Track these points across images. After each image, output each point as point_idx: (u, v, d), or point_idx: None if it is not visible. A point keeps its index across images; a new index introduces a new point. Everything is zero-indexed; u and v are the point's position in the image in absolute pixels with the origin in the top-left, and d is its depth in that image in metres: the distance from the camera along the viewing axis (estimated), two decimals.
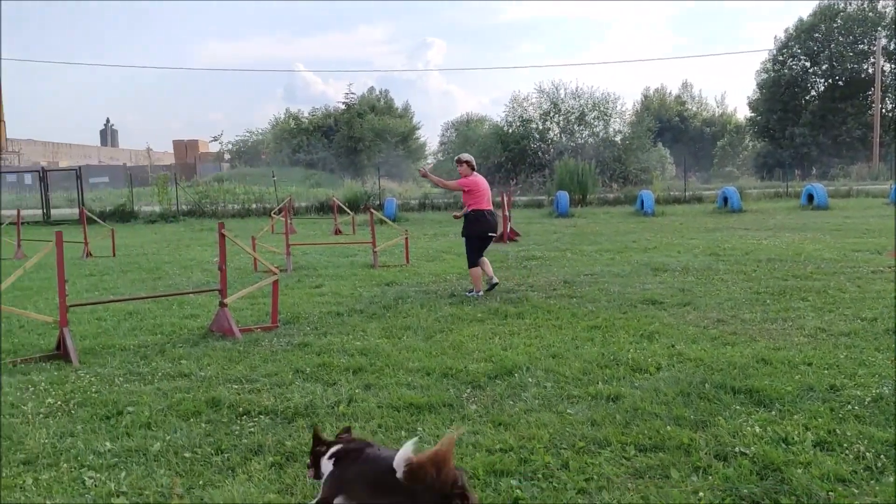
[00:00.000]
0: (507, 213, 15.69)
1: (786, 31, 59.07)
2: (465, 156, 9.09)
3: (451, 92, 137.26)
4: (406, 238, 12.57)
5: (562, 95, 43.67)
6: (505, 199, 16.22)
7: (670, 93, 76.32)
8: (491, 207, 9.04)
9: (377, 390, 5.00)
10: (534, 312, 7.56)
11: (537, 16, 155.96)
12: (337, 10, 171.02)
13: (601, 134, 43.32)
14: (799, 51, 56.80)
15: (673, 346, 5.96)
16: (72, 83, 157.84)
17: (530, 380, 5.13)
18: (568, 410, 4.46)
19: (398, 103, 67.85)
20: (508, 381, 5.14)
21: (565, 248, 13.58)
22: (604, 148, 41.20)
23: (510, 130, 43.46)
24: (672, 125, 68.98)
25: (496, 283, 8.91)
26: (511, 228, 16.10)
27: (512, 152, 41.57)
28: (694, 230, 16.95)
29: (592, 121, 43.49)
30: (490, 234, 9.05)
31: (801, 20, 56.60)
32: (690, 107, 75.72)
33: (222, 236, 7.00)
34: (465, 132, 52.51)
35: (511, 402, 4.67)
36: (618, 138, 42.81)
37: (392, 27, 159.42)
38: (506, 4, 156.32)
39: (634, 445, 3.86)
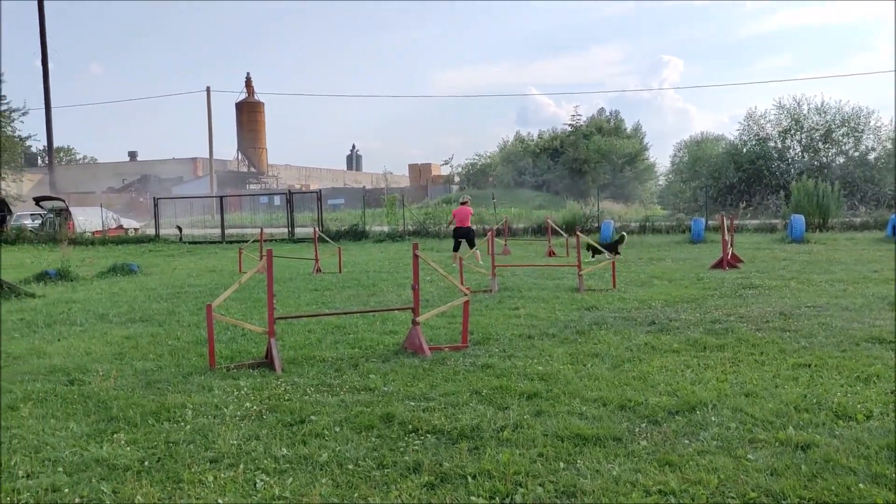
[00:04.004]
0: (726, 238, 14.72)
1: None
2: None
3: (687, 110, 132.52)
4: (613, 262, 12.24)
5: (804, 111, 40.29)
6: (725, 222, 15.22)
7: None
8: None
9: (547, 417, 4.89)
10: (736, 345, 7.00)
11: (785, 27, 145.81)
12: (570, 32, 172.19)
13: (851, 152, 39.30)
14: None
15: (893, 392, 5.21)
16: (324, 113, 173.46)
17: (713, 418, 4.74)
18: (748, 456, 4.06)
19: (629, 123, 66.67)
20: (689, 418, 4.79)
21: (791, 277, 12.44)
22: (854, 167, 37.33)
23: (744, 150, 40.84)
24: None
25: None
26: (732, 254, 15.07)
27: (745, 172, 38.98)
28: None
29: (841, 138, 39.60)
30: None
31: None
32: None
33: (416, 256, 7.27)
34: (695, 152, 50.15)
35: (686, 442, 4.34)
36: (871, 156, 38.58)
37: (626, 47, 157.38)
38: (749, 16, 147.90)
39: (815, 502, 3.41)
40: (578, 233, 13.25)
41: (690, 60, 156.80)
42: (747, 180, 38.84)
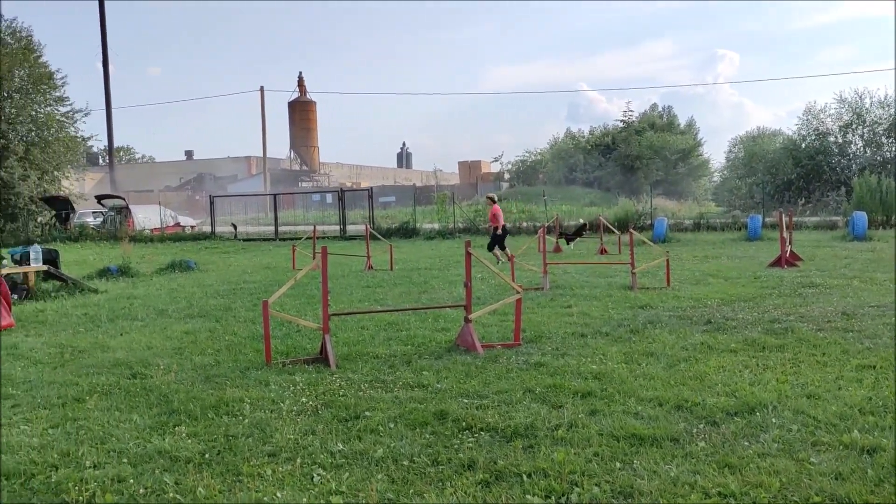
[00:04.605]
0: (784, 235, 14.36)
1: None
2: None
3: (743, 105, 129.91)
4: (667, 260, 12.06)
5: (866, 105, 39.04)
6: (784, 219, 14.85)
7: None
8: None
9: (602, 417, 4.84)
10: (796, 346, 6.83)
11: (846, 18, 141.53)
12: (622, 27, 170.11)
13: None
14: None
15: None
16: (374, 111, 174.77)
17: (774, 420, 4.63)
18: (811, 459, 3.96)
19: (683, 119, 65.57)
20: (748, 419, 4.69)
21: (853, 276, 12.08)
22: None
23: (803, 145, 39.79)
24: None
25: None
26: (791, 252, 14.71)
27: (804, 168, 37.97)
28: None
29: None
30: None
31: None
32: None
33: (468, 254, 7.28)
34: (751, 148, 49.02)
35: (745, 443, 4.26)
36: None
37: (680, 41, 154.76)
38: (809, 7, 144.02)
39: None
40: (631, 230, 13.08)
41: (747, 54, 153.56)
42: (806, 176, 37.84)
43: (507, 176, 70.23)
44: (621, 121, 62.23)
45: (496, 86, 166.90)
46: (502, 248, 16.85)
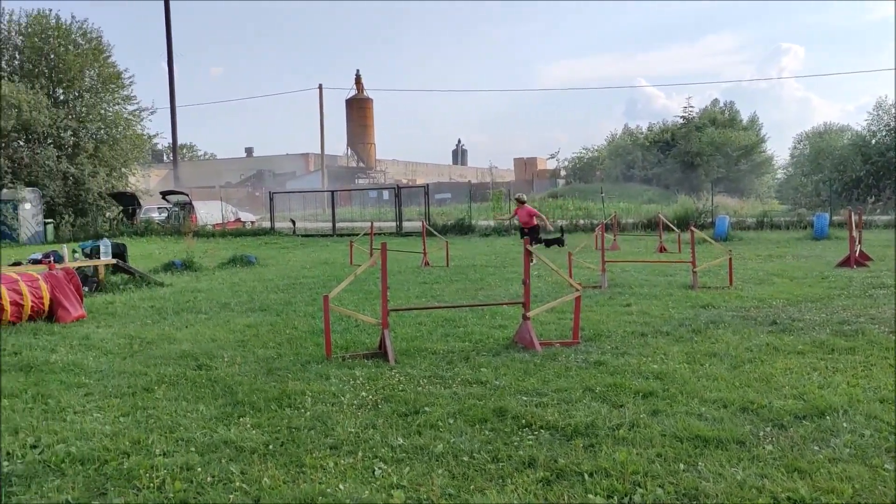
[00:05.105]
0: (853, 234, 13.90)
1: None
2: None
3: (809, 100, 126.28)
4: (730, 259, 11.80)
5: None
6: (853, 217, 14.37)
7: None
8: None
9: (664, 417, 4.77)
10: (868, 348, 6.61)
11: None
12: (682, 21, 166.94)
13: None
14: None
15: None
16: (430, 108, 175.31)
17: (845, 425, 4.49)
18: (885, 465, 3.83)
19: (745, 114, 63.93)
20: (818, 423, 4.56)
21: None
22: None
23: (873, 141, 38.45)
24: None
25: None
26: (860, 251, 14.22)
27: (874, 165, 36.68)
28: None
29: None
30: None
31: None
32: None
33: (527, 251, 7.25)
34: (818, 144, 47.60)
35: (815, 448, 4.14)
36: None
37: (742, 35, 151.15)
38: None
39: None
40: (692, 228, 12.83)
41: (812, 47, 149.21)
42: (876, 173, 36.55)
43: (563, 173, 69.69)
44: (681, 117, 61.11)
45: (552, 82, 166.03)
46: (537, 243, 16.47)
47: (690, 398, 5.19)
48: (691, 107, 61.65)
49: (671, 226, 20.20)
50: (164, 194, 36.68)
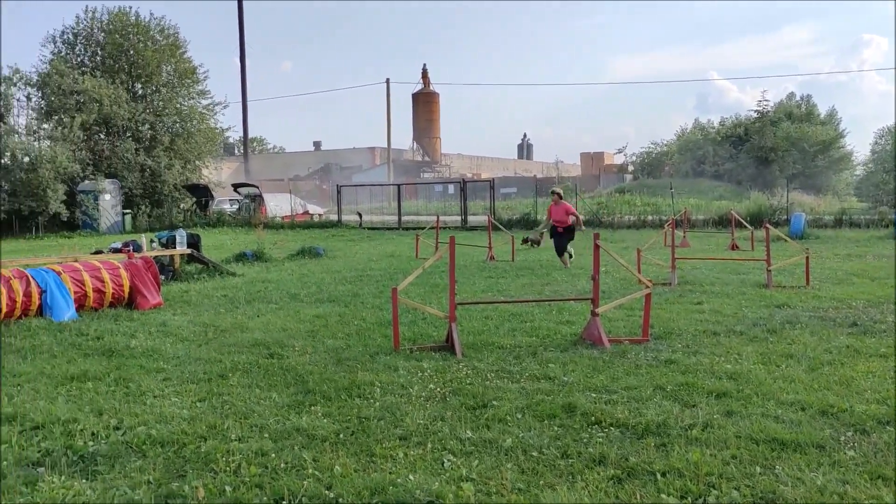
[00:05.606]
0: None
1: None
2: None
3: (892, 93, 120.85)
4: (807, 257, 11.42)
5: None
6: None
7: None
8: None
9: (739, 418, 4.66)
10: None
11: None
12: (755, 12, 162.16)
13: None
14: None
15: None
16: (496, 102, 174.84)
17: None
18: None
19: (823, 108, 61.69)
20: None
21: None
22: None
23: None
24: None
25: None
26: None
27: None
28: None
29: None
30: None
31: None
32: None
33: (597, 247, 7.16)
34: None
35: None
36: None
37: (820, 26, 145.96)
38: None
39: None
40: (767, 225, 12.46)
41: None
42: None
43: (630, 168, 68.54)
44: (755, 111, 59.26)
45: (619, 75, 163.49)
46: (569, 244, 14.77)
47: (766, 400, 5.05)
48: (766, 101, 59.81)
49: (744, 223, 19.66)
50: (236, 186, 37.62)
